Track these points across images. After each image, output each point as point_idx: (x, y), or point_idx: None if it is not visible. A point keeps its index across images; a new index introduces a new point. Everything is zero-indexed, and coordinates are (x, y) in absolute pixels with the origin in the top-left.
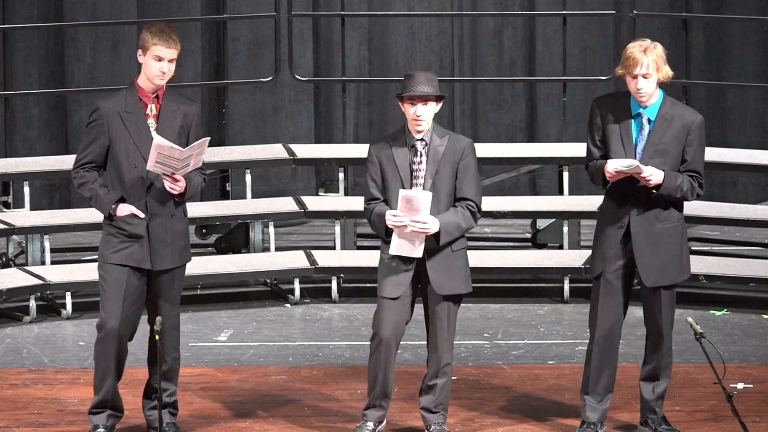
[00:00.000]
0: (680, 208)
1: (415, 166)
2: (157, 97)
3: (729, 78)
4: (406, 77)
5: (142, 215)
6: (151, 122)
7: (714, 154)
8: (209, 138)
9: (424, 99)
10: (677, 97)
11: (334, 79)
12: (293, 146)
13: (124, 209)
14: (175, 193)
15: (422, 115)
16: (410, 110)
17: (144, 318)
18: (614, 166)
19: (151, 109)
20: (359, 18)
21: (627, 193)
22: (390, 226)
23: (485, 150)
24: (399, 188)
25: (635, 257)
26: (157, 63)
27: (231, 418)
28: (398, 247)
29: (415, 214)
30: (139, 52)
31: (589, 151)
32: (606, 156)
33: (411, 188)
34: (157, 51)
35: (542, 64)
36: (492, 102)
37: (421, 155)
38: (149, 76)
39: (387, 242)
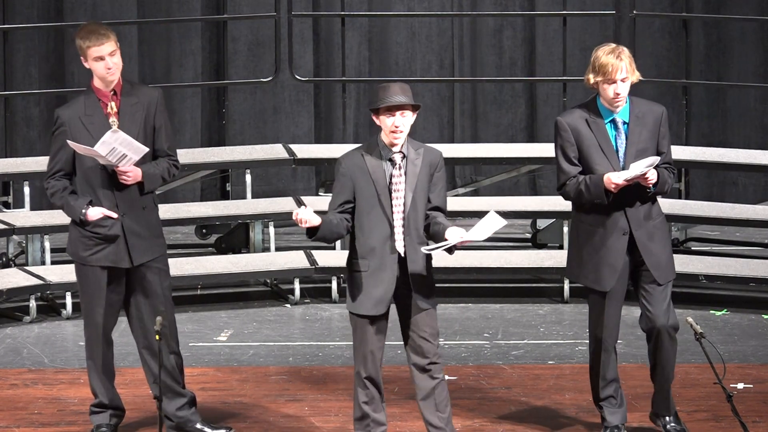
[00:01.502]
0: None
1: (394, 179)
2: (115, 93)
3: (729, 78)
4: (380, 89)
5: (115, 215)
6: (113, 120)
7: (714, 154)
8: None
9: (402, 109)
10: (678, 97)
11: (334, 79)
12: (293, 146)
13: (95, 213)
14: (128, 182)
15: (401, 126)
16: (388, 121)
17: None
18: (637, 168)
19: (112, 107)
20: (359, 18)
21: (619, 199)
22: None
23: (485, 150)
24: (373, 201)
25: (644, 258)
26: (101, 63)
27: (231, 418)
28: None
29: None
30: (82, 59)
31: (563, 170)
32: (586, 171)
33: (390, 201)
34: (95, 52)
35: (542, 64)
36: (492, 102)
37: (400, 168)
38: (100, 77)
39: (356, 259)
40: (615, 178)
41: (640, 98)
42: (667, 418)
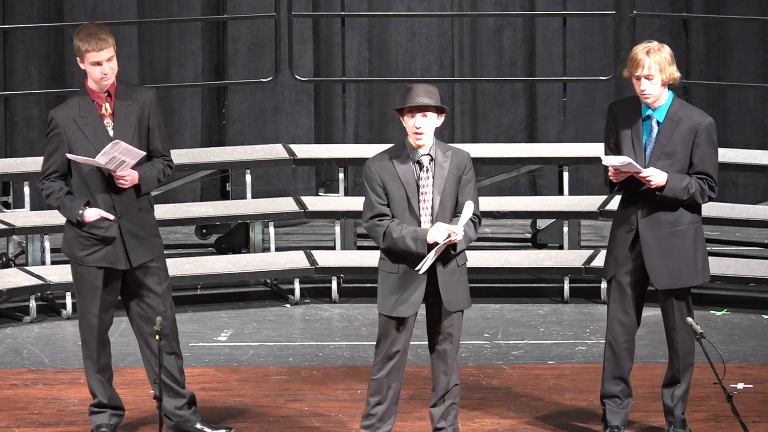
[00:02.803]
0: (694, 210)
1: (422, 182)
2: (109, 94)
3: (729, 78)
4: (405, 90)
5: (111, 217)
6: (108, 122)
7: None
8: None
9: (424, 110)
10: (677, 97)
11: (334, 79)
12: (293, 146)
13: (92, 214)
14: (126, 185)
15: (422, 127)
16: (410, 122)
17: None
18: (608, 161)
19: (106, 108)
20: (359, 18)
21: (635, 196)
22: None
23: (485, 150)
24: (404, 204)
25: (644, 260)
26: (97, 67)
27: (231, 418)
28: (427, 263)
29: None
30: (78, 59)
31: (606, 155)
32: None
33: (418, 204)
34: (92, 57)
35: (542, 64)
36: (492, 102)
37: (428, 171)
38: (94, 81)
39: (392, 259)
40: (603, 160)
41: (690, 105)
42: (672, 419)
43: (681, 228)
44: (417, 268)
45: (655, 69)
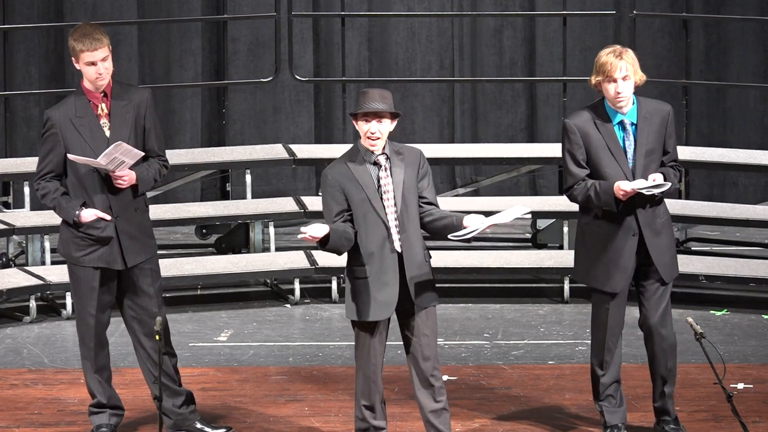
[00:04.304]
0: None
1: (382, 182)
2: (105, 95)
3: (729, 78)
4: (360, 94)
5: (108, 217)
6: (104, 122)
7: (714, 154)
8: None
9: (379, 116)
10: (678, 97)
11: (334, 79)
12: (293, 146)
13: (89, 215)
14: (123, 186)
15: (376, 132)
16: (364, 127)
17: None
18: (641, 186)
19: (102, 108)
20: (359, 18)
21: (629, 201)
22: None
23: (485, 150)
24: (366, 206)
25: (653, 258)
26: (92, 67)
27: (231, 418)
28: (468, 233)
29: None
30: (73, 59)
31: (572, 173)
32: (594, 174)
33: (381, 203)
34: (86, 57)
35: (542, 64)
36: (492, 102)
37: (385, 170)
38: (89, 81)
39: (356, 266)
40: (624, 186)
41: (647, 98)
42: (667, 418)
43: (666, 218)
44: (458, 234)
45: (630, 70)
